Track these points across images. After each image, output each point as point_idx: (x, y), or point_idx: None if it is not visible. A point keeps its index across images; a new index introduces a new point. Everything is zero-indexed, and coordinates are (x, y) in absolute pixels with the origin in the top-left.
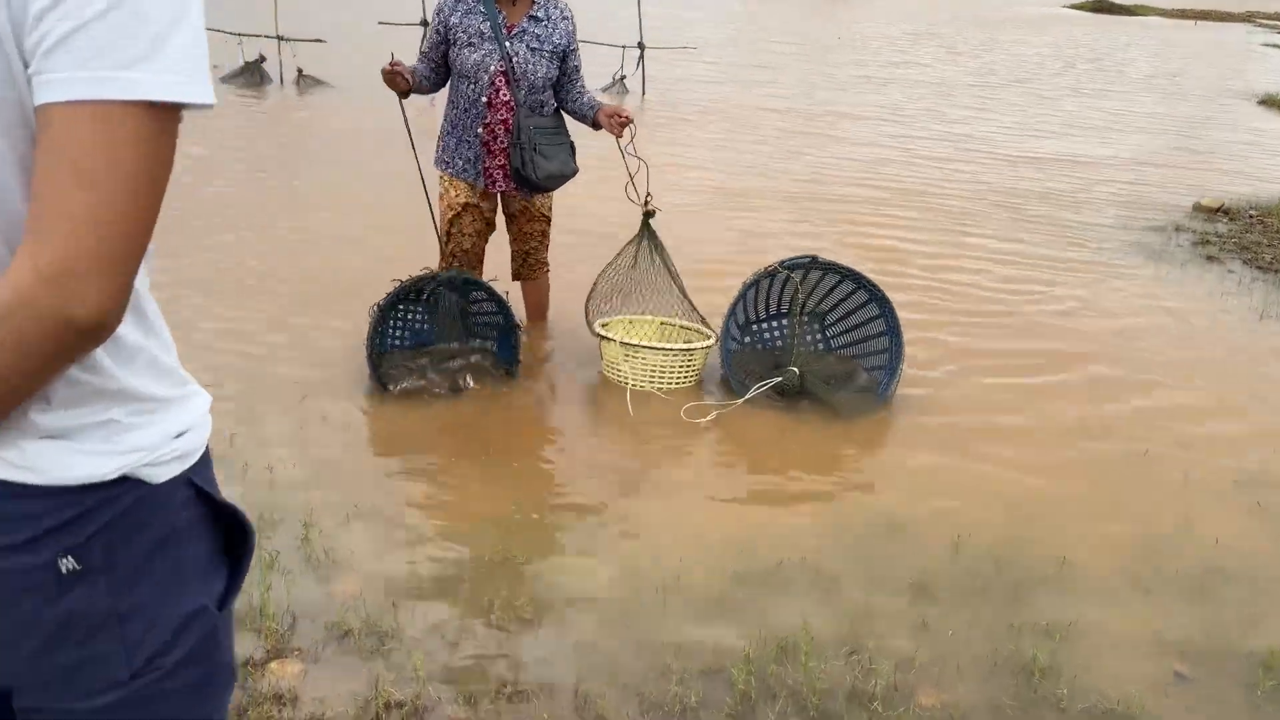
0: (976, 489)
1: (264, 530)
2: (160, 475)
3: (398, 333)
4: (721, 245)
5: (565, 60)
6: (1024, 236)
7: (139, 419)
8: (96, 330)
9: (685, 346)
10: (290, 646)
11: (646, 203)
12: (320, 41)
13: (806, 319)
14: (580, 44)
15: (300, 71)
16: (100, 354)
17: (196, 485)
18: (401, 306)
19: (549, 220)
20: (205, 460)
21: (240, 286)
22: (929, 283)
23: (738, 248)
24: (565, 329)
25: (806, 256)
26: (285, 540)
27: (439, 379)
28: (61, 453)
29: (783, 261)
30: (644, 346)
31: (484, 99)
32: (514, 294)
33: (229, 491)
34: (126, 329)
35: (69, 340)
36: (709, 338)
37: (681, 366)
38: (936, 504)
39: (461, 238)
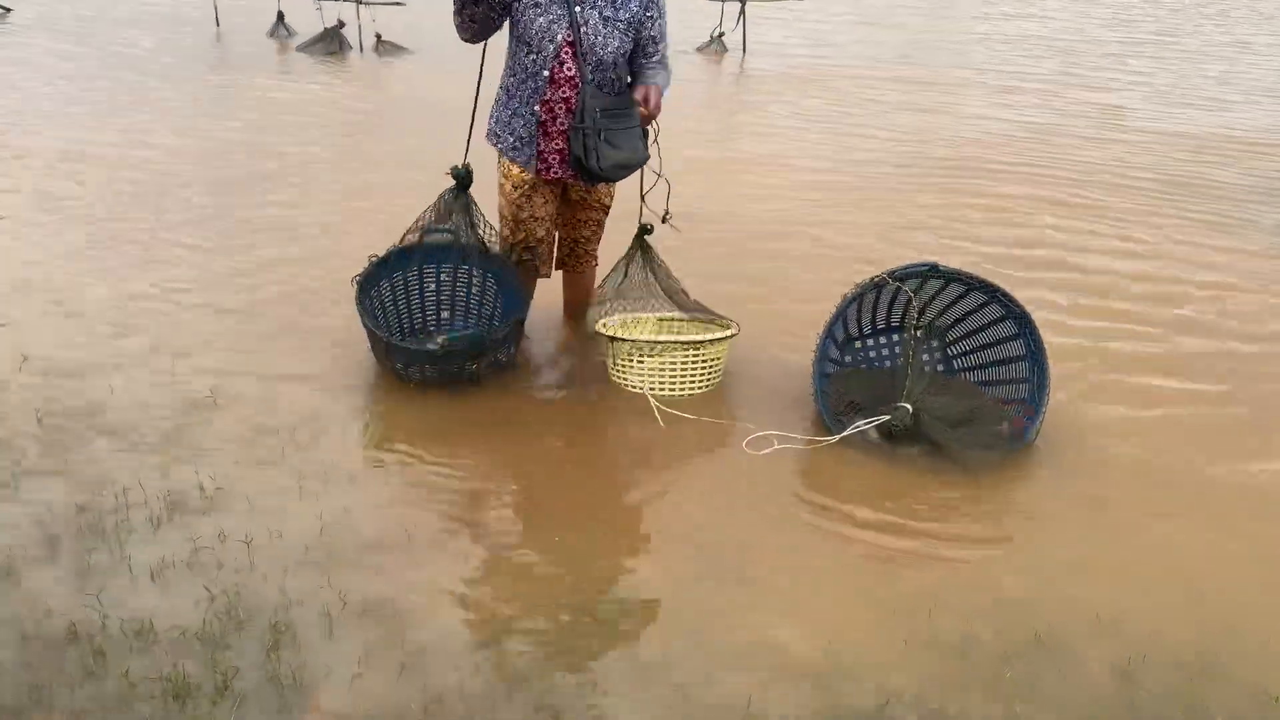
0: (1151, 588)
1: (226, 637)
2: None
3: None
4: (833, 253)
5: (640, 31)
6: (1200, 241)
7: None
8: None
9: (703, 337)
10: None
11: (665, 216)
12: (399, 4)
13: (922, 334)
14: None
15: (379, 37)
16: None
17: None
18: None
19: (607, 210)
20: None
21: (264, 289)
22: (1083, 301)
23: (852, 255)
24: None
25: (924, 264)
26: (248, 651)
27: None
28: None
29: (893, 271)
30: (664, 341)
31: (545, 72)
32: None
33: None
34: None
35: None
36: (729, 328)
37: (699, 365)
38: (1097, 608)
39: (534, 224)
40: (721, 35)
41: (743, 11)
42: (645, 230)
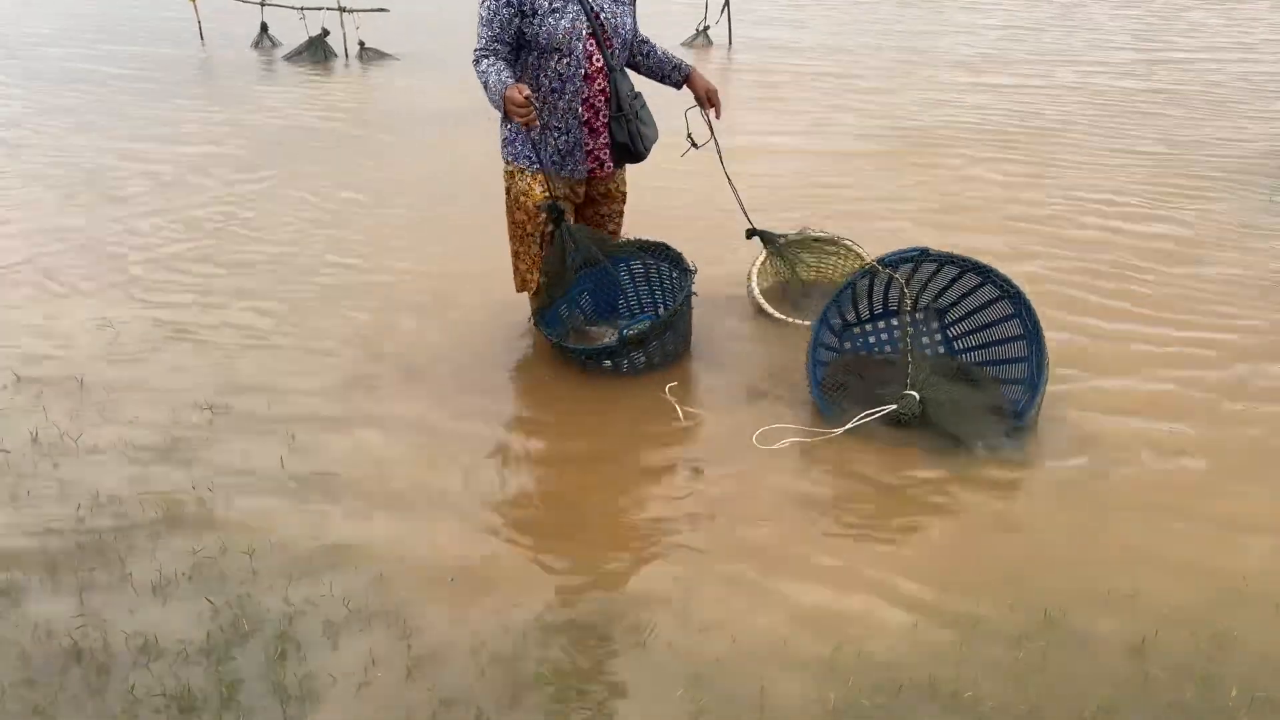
0: (1159, 560)
1: (229, 647)
2: None
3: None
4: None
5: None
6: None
7: None
8: None
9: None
10: None
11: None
12: (383, 11)
13: (921, 315)
14: None
15: (362, 45)
16: None
17: None
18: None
19: (626, 197)
20: None
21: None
22: (1081, 276)
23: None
24: None
25: (914, 249)
26: (252, 661)
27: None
28: None
29: (883, 258)
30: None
31: (583, 70)
32: None
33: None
34: None
35: None
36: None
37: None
38: (1107, 584)
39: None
40: (707, 29)
41: (727, 3)
42: (753, 233)
